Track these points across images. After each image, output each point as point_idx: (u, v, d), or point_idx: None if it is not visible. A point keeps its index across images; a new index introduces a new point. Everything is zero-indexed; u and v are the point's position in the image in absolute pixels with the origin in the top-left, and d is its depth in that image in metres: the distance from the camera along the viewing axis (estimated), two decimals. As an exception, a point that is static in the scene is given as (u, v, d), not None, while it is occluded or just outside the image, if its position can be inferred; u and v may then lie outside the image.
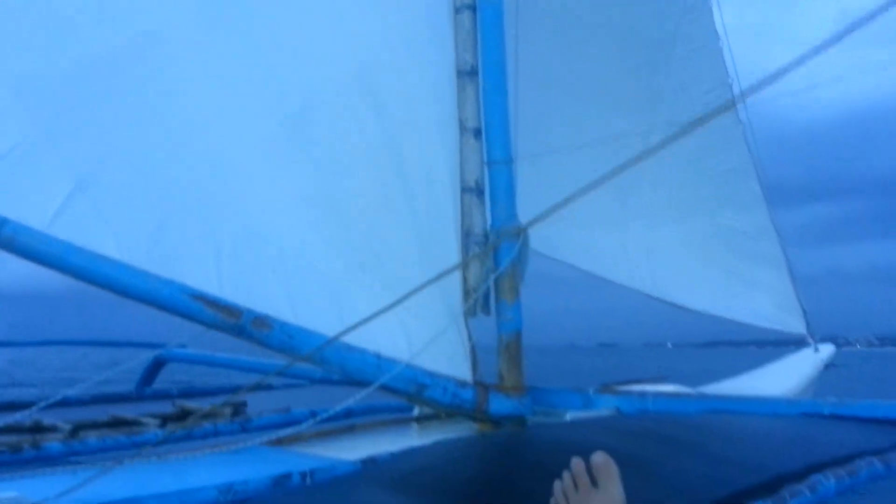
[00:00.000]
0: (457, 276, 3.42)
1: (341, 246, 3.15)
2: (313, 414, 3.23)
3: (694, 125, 2.93)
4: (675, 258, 5.43)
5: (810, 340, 5.62)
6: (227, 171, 3.03)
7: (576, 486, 1.20)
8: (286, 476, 2.20)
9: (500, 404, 3.26)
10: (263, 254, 3.02)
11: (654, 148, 3.13)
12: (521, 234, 3.45)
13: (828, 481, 1.91)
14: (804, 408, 3.02)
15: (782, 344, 5.80)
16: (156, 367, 5.90)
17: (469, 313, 3.44)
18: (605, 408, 3.47)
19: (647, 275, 5.28)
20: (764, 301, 5.48)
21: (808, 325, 5.52)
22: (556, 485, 1.22)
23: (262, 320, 2.83)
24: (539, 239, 3.73)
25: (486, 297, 3.47)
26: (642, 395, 3.56)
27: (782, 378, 5.14)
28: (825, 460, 2.06)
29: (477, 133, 3.58)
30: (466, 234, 3.52)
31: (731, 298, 5.47)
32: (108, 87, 2.82)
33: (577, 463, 1.21)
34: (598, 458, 1.21)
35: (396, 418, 3.76)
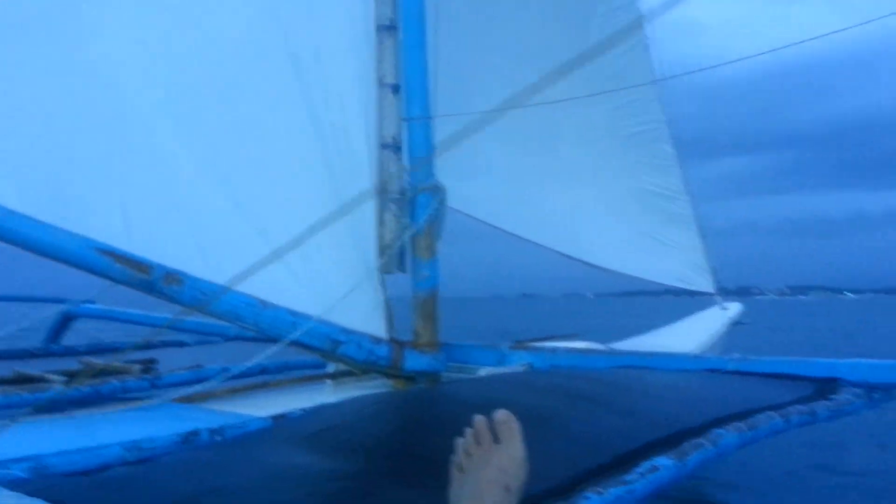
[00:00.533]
0: (372, 233, 3.41)
1: (253, 203, 3.08)
2: (224, 370, 3.19)
3: (598, 49, 2.89)
4: (592, 219, 5.54)
5: (718, 299, 5.86)
6: (136, 123, 2.91)
7: (478, 442, 1.21)
8: (195, 433, 2.15)
9: (414, 361, 3.29)
10: (174, 209, 2.93)
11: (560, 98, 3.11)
12: (438, 191, 3.45)
13: (729, 435, 1.99)
14: (709, 364, 3.15)
15: (697, 294, 6.03)
16: (63, 322, 5.70)
17: (384, 270, 3.43)
18: (518, 364, 3.55)
19: (565, 234, 5.38)
20: (675, 261, 5.67)
21: (716, 284, 5.75)
22: (459, 442, 1.23)
23: (173, 276, 2.75)
24: (457, 196, 3.74)
25: (402, 254, 3.48)
26: (554, 351, 3.65)
27: (691, 335, 5.36)
28: (727, 415, 2.15)
29: (395, 89, 3.55)
30: (383, 191, 3.50)
31: (644, 258, 5.63)
32: (9, 35, 2.65)
33: (479, 420, 1.22)
34: (501, 414, 1.22)
35: (310, 375, 3.74)
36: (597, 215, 5.49)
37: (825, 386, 2.57)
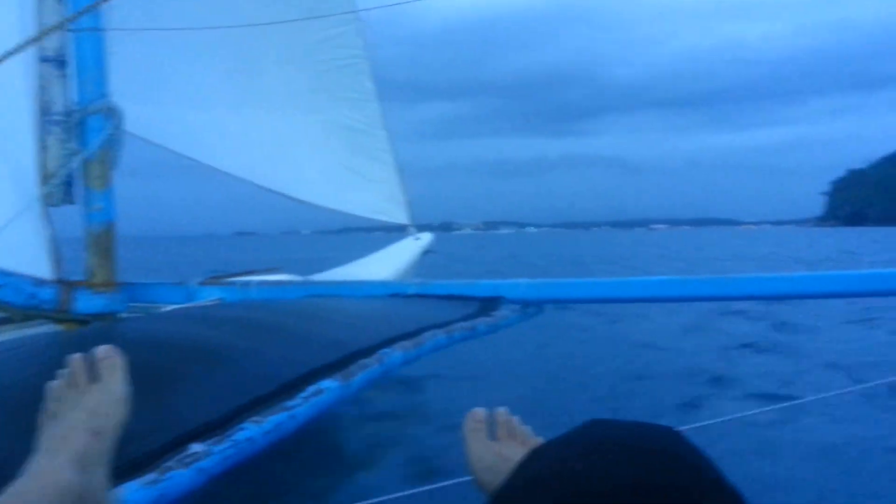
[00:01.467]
0: (31, 159, 2.99)
1: None
2: None
3: None
4: (292, 150, 5.44)
5: (412, 230, 6.14)
6: None
7: (75, 384, 1.06)
8: None
9: (87, 302, 2.99)
10: None
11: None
12: (112, 113, 3.11)
13: (394, 353, 2.11)
14: (392, 289, 3.30)
15: (405, 228, 6.28)
16: None
17: (48, 202, 3.04)
18: (208, 300, 3.41)
19: (264, 166, 5.22)
20: (374, 194, 5.80)
21: (410, 215, 6.01)
22: (49, 385, 1.04)
23: None
24: (137, 120, 3.42)
25: (70, 183, 3.11)
26: (246, 285, 3.56)
27: (388, 263, 5.58)
28: (396, 335, 2.27)
29: (58, -8, 3.08)
30: (44, 112, 3.07)
31: (344, 191, 5.68)
32: None
33: (74, 358, 1.08)
34: (101, 350, 1.09)
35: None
36: (297, 147, 5.40)
37: (488, 304, 2.83)
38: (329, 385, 1.77)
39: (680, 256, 32.07)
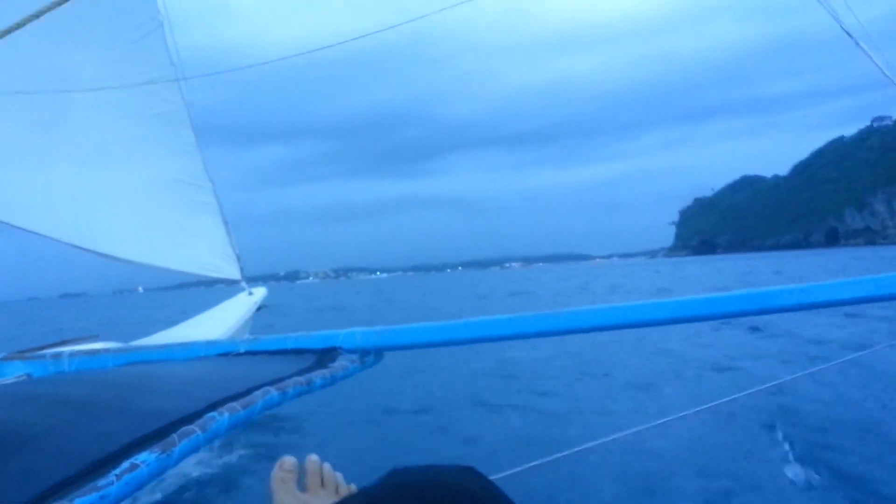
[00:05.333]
0: None
1: None
2: None
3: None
4: (107, 206, 5.09)
5: (244, 284, 5.88)
6: None
7: None
8: None
9: None
10: None
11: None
12: None
13: (221, 417, 1.94)
14: (221, 348, 3.08)
15: (250, 280, 5.99)
16: None
17: None
18: (13, 377, 3.05)
19: (77, 224, 4.84)
20: (201, 249, 5.52)
21: (241, 270, 5.76)
22: None
23: None
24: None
25: None
26: (57, 356, 3.22)
27: (221, 321, 5.27)
28: (224, 397, 2.11)
29: None
30: None
31: (169, 247, 5.37)
32: None
33: None
34: None
35: None
36: (114, 202, 5.06)
37: (324, 356, 2.71)
38: (146, 458, 1.60)
39: (530, 290, 33.35)
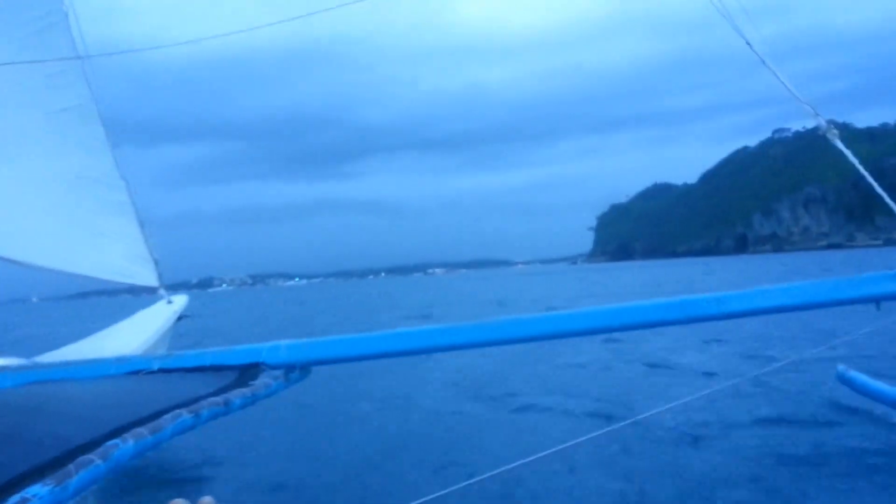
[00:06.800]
0: None
1: None
2: None
3: None
4: (11, 205, 4.72)
5: (163, 292, 5.52)
6: None
7: None
8: None
9: None
10: None
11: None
12: None
13: (125, 444, 1.75)
14: (133, 365, 2.82)
15: (155, 290, 5.59)
16: None
17: None
18: None
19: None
20: (115, 253, 5.16)
21: (159, 276, 5.42)
22: None
23: None
24: None
25: None
26: (-51, 376, 2.90)
27: (136, 334, 4.85)
28: (131, 422, 1.91)
29: None
30: None
31: (77, 251, 5.00)
32: None
33: None
34: None
35: None
36: (15, 200, 4.68)
37: (245, 373, 2.51)
38: (38, 492, 1.41)
39: (458, 300, 32.54)
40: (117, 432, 1.77)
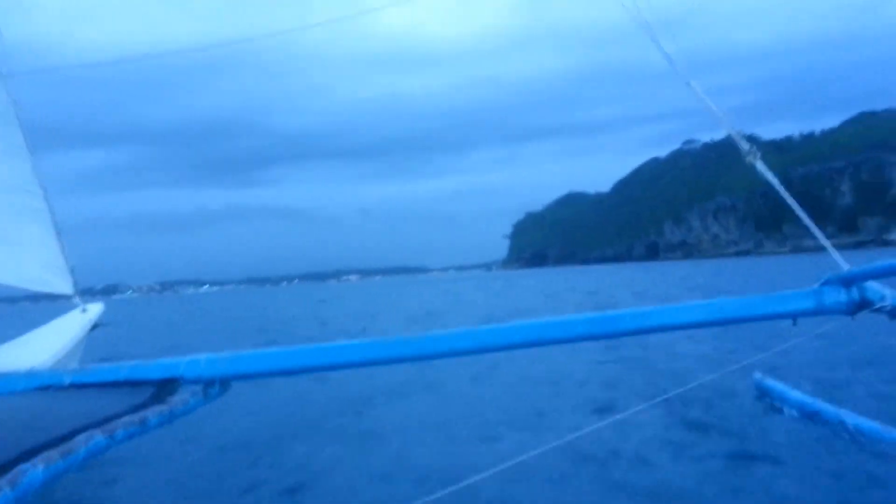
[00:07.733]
0: None
1: None
2: None
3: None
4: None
5: (77, 300, 5.31)
6: None
7: None
8: None
9: None
10: None
11: None
12: None
13: (35, 469, 1.67)
14: (42, 380, 2.70)
15: (60, 298, 5.37)
16: None
17: None
18: None
19: None
20: (28, 261, 4.95)
21: (75, 284, 5.23)
22: None
23: None
24: None
25: None
26: None
27: (45, 346, 4.58)
28: (40, 444, 1.82)
29: None
30: None
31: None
32: None
33: None
34: None
35: None
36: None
37: (163, 389, 2.44)
38: None
39: (368, 313, 30.03)
40: (26, 456, 1.67)
